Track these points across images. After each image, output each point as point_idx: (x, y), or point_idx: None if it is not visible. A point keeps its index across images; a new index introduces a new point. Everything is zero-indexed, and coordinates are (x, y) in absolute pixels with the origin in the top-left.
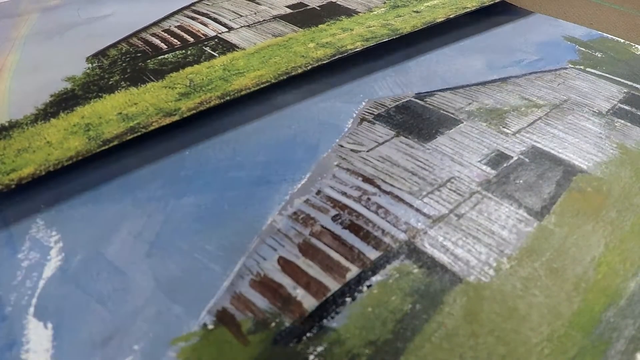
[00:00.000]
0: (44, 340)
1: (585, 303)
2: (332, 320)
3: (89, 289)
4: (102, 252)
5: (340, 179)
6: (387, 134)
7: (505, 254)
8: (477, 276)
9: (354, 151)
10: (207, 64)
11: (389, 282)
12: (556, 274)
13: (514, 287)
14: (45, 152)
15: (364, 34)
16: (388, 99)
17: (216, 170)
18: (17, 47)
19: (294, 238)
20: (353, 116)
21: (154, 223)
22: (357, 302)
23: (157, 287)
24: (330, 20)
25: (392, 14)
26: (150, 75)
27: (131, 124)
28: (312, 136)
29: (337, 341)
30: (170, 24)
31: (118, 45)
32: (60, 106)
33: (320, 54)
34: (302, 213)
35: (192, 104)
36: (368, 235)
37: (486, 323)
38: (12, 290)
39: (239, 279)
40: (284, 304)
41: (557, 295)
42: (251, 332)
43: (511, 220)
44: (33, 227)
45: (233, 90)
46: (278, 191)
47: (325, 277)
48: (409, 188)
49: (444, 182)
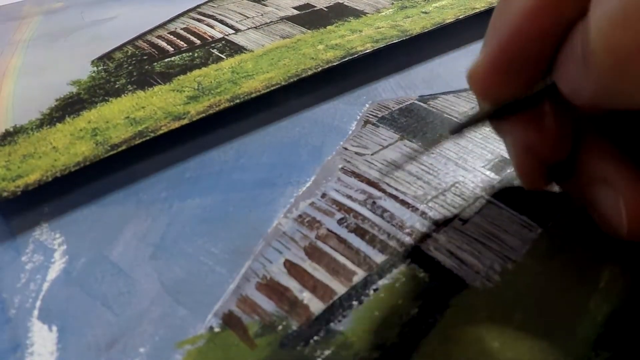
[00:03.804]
0: (49, 343)
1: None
2: (339, 323)
3: (93, 292)
4: (106, 254)
5: (345, 182)
6: (391, 137)
7: (510, 259)
8: (482, 281)
9: (358, 154)
10: (215, 67)
11: (396, 285)
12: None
13: (518, 292)
14: (51, 158)
15: (374, 35)
16: (391, 102)
17: (220, 172)
18: (21, 50)
19: (300, 241)
20: (357, 118)
21: (159, 225)
22: (363, 306)
23: (162, 290)
24: (338, 21)
25: (400, 14)
26: (157, 79)
27: (139, 128)
28: (315, 138)
29: (344, 344)
30: (176, 26)
31: (123, 48)
32: (65, 110)
33: (330, 56)
34: (308, 216)
35: (201, 108)
36: (374, 239)
37: (492, 327)
38: (16, 293)
39: (245, 282)
40: (290, 307)
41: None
42: (258, 335)
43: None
44: (36, 230)
45: (242, 93)
46: (283, 194)
47: (331, 280)
48: (414, 192)
49: (449, 186)
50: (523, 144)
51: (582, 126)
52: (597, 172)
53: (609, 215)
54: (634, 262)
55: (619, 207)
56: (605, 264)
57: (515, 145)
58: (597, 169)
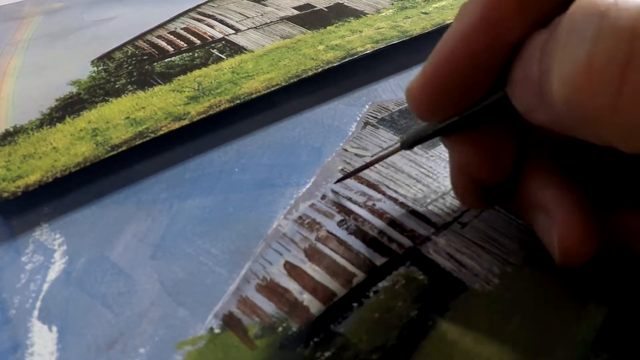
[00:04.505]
0: (49, 343)
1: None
2: (338, 325)
3: (93, 292)
4: (106, 255)
5: (345, 184)
6: (391, 139)
7: (509, 262)
8: (481, 284)
9: (358, 155)
10: (215, 67)
11: (395, 287)
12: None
13: (517, 294)
14: (51, 158)
15: (374, 35)
16: (391, 103)
17: (220, 173)
18: (21, 50)
19: (300, 243)
20: (357, 119)
21: (159, 225)
22: (363, 308)
23: (162, 290)
24: (338, 21)
25: (400, 15)
26: (158, 79)
27: (140, 129)
28: (315, 139)
29: (344, 346)
30: (176, 26)
31: (123, 48)
32: (66, 111)
33: (331, 57)
34: (308, 217)
35: (201, 108)
36: (374, 241)
37: (491, 330)
38: (16, 293)
39: (245, 283)
40: (290, 309)
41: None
42: (258, 336)
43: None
44: (37, 230)
45: (243, 93)
46: (283, 195)
47: (331, 282)
48: (414, 195)
49: (448, 190)
50: (459, 163)
51: (526, 151)
52: (535, 198)
53: (544, 241)
54: (631, 266)
55: (553, 237)
56: (603, 266)
57: (452, 164)
58: (536, 196)
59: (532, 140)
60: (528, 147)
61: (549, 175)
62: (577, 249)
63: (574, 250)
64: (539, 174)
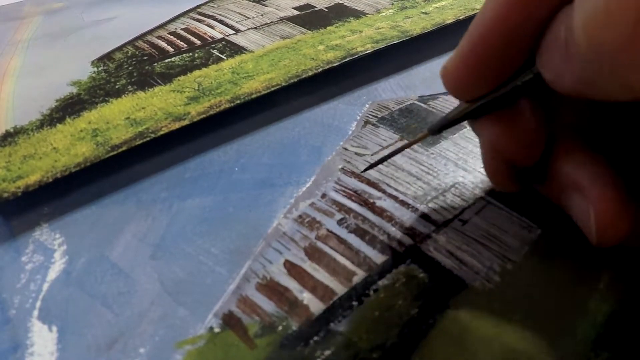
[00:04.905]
0: (49, 343)
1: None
2: (339, 324)
3: (93, 292)
4: (106, 254)
5: (345, 182)
6: (391, 137)
7: (510, 259)
8: (481, 281)
9: (358, 154)
10: (215, 67)
11: (396, 286)
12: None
13: (518, 292)
14: (51, 159)
15: (374, 36)
16: (391, 102)
17: (220, 173)
18: (21, 50)
19: (300, 242)
20: (357, 119)
21: (159, 225)
22: (363, 306)
23: (162, 290)
24: (338, 22)
25: (400, 15)
26: (158, 79)
27: (140, 129)
28: (315, 139)
29: (344, 345)
30: (176, 26)
31: (123, 48)
32: (66, 111)
33: (331, 57)
34: (308, 216)
35: (201, 108)
36: (374, 239)
37: (491, 328)
38: (16, 293)
39: (245, 282)
40: (290, 308)
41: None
42: (258, 335)
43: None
44: (37, 230)
45: (243, 94)
46: (283, 194)
47: (331, 280)
48: (414, 193)
49: (448, 187)
50: (491, 145)
51: (556, 132)
52: (569, 178)
53: (579, 222)
54: (632, 263)
55: (589, 216)
56: (604, 264)
57: (483, 146)
58: (569, 176)
59: (562, 124)
60: (558, 130)
61: (582, 155)
62: (615, 225)
63: (612, 228)
64: (571, 154)
